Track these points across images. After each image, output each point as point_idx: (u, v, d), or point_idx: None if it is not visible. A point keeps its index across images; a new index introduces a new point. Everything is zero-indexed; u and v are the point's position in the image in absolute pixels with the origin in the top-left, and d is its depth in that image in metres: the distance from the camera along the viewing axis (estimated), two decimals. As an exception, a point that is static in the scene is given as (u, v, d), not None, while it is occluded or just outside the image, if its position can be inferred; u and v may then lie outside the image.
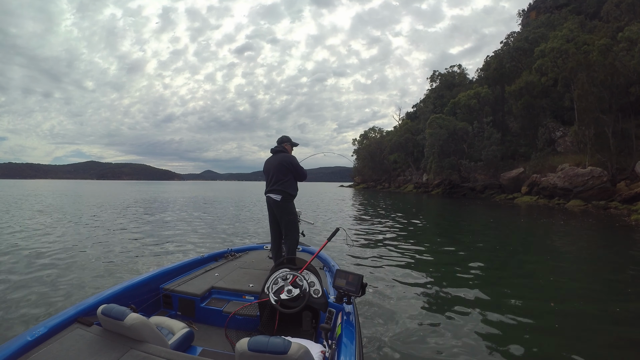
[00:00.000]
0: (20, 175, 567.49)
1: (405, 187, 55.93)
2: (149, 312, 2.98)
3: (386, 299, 4.73)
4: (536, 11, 48.90)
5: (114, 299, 2.57)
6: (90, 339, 1.99)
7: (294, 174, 4.13)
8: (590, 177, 23.28)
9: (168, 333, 2.37)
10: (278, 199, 4.01)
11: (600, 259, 7.91)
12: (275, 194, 4.02)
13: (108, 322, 1.99)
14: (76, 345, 1.93)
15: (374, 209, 21.06)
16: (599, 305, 4.71)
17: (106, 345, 1.91)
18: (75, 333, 2.05)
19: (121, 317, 1.92)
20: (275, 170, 4.07)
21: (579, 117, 26.87)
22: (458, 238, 10.61)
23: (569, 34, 32.83)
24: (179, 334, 2.40)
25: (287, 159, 4.12)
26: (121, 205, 20.37)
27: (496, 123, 38.67)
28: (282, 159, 4.10)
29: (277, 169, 4.06)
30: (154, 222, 12.68)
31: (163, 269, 3.47)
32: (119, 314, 1.94)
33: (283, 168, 4.05)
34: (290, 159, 4.14)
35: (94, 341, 1.96)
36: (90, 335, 2.02)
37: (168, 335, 2.33)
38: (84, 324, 2.16)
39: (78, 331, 2.07)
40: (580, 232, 12.07)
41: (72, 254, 7.02)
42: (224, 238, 9.66)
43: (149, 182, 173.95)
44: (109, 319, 1.96)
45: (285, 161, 4.09)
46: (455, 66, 59.71)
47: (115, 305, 2.04)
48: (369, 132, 76.18)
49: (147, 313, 2.92)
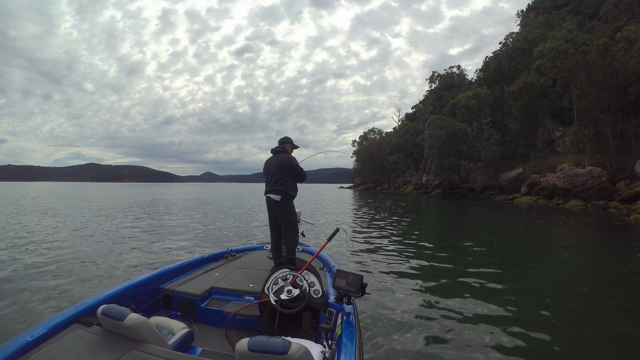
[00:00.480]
0: (19, 178, 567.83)
1: (405, 188, 55.98)
2: (149, 313, 2.97)
3: (386, 299, 4.72)
4: (535, 12, 49.05)
5: (114, 299, 2.57)
6: (90, 339, 1.99)
7: (294, 174, 4.15)
8: (589, 177, 23.32)
9: (168, 333, 2.37)
10: (278, 199, 4.03)
11: (599, 258, 7.92)
12: (275, 194, 4.04)
13: (108, 322, 1.99)
14: (76, 345, 1.93)
15: (374, 210, 21.07)
16: (595, 302, 4.74)
17: (106, 345, 1.91)
18: (75, 333, 2.05)
19: (121, 318, 1.92)
20: (275, 170, 4.08)
21: (578, 117, 26.94)
22: (457, 238, 10.61)
23: (568, 34, 32.93)
24: (179, 334, 2.39)
25: (287, 159, 4.14)
26: (122, 208, 20.35)
27: (495, 124, 38.81)
28: (282, 160, 4.12)
29: (277, 170, 4.07)
30: (155, 224, 12.68)
31: (163, 269, 3.47)
32: (119, 314, 1.94)
33: (283, 169, 4.07)
34: (290, 160, 4.16)
35: (94, 341, 1.96)
36: (90, 336, 2.02)
37: (168, 336, 2.33)
38: (84, 324, 2.16)
39: (78, 331, 2.07)
40: (579, 232, 12.08)
41: (73, 256, 7.01)
42: (224, 238, 9.65)
43: (148, 184, 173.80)
44: (109, 319, 1.96)
45: (285, 162, 4.11)
46: (455, 67, 59.99)
47: (115, 305, 2.04)
48: (368, 134, 76.33)
49: (147, 313, 2.92)
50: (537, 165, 30.02)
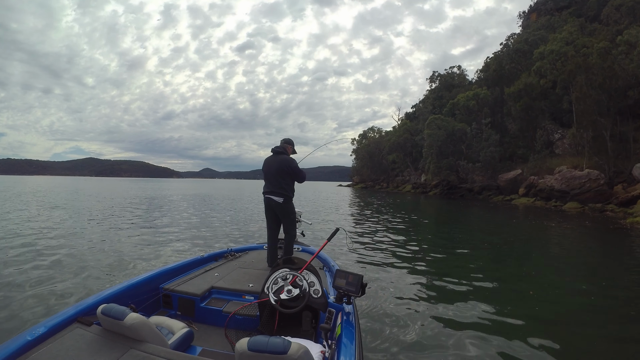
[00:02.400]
0: (19, 171, 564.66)
1: (404, 187, 56.08)
2: (149, 312, 2.98)
3: (386, 299, 4.76)
4: (537, 13, 49.00)
5: (114, 299, 2.57)
6: (90, 338, 1.99)
7: (294, 177, 4.34)
8: (587, 179, 23.40)
9: (168, 333, 2.38)
10: (280, 201, 4.21)
11: (593, 259, 8.02)
12: (278, 196, 4.21)
13: (108, 321, 1.99)
14: (76, 345, 1.93)
15: (373, 209, 21.11)
16: (589, 302, 4.85)
17: (106, 345, 1.91)
18: (75, 333, 2.06)
19: (121, 317, 1.92)
20: (276, 172, 4.23)
21: (577, 119, 27.01)
22: (456, 239, 10.67)
23: (569, 36, 32.91)
24: (179, 333, 2.40)
25: (288, 162, 4.29)
26: (122, 203, 20.33)
27: (495, 124, 38.83)
28: (283, 162, 4.27)
29: (278, 172, 4.23)
30: (155, 221, 12.68)
31: (163, 269, 3.47)
32: (119, 313, 1.94)
33: (283, 172, 4.23)
34: (291, 162, 4.31)
35: (94, 341, 1.96)
36: (90, 335, 2.02)
37: (168, 335, 2.33)
38: (83, 323, 2.16)
39: (78, 331, 2.08)
40: (574, 234, 12.17)
41: (72, 253, 7.03)
42: (224, 235, 9.68)
43: (148, 180, 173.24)
44: (108, 318, 1.96)
45: (286, 164, 4.26)
46: (455, 67, 59.92)
47: (115, 305, 2.04)
48: (367, 132, 76.34)
49: (147, 313, 2.92)
50: (536, 166, 30.09)
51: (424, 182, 48.54)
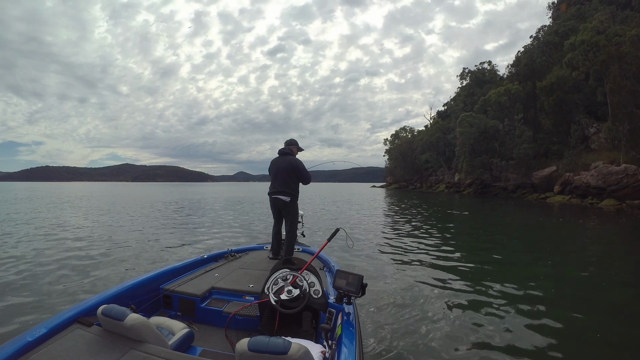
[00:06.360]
0: (57, 178, 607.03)
1: (437, 187, 55.92)
2: (149, 313, 2.99)
3: (386, 299, 4.73)
4: (566, 3, 47.17)
5: (114, 300, 2.59)
6: (90, 339, 2.00)
7: (300, 177, 4.59)
8: (624, 175, 22.74)
9: (168, 333, 2.39)
10: (287, 200, 4.51)
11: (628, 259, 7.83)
12: (285, 196, 4.50)
13: (108, 322, 2.00)
14: (76, 345, 1.94)
15: (397, 209, 20.84)
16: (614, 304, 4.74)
17: (106, 345, 1.92)
18: (75, 333, 2.07)
19: (121, 318, 1.93)
20: (284, 173, 4.50)
21: (613, 112, 26.29)
22: (471, 238, 10.57)
23: (600, 25, 31.80)
24: (179, 334, 2.41)
25: (295, 163, 4.54)
26: (159, 207, 20.97)
27: (527, 120, 37.96)
28: (290, 163, 4.52)
29: (286, 172, 4.49)
30: (191, 223, 13.18)
31: (163, 269, 3.48)
32: (119, 314, 1.95)
33: (291, 172, 4.49)
34: (297, 163, 4.57)
35: (94, 341, 1.97)
36: (90, 336, 2.03)
37: (168, 336, 2.35)
38: (84, 324, 2.17)
39: (78, 331, 2.09)
40: (610, 233, 11.83)
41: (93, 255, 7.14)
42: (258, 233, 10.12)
43: (182, 184, 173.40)
44: (109, 319, 1.97)
45: (293, 165, 4.51)
46: (485, 63, 58.71)
47: (116, 305, 2.05)
48: (400, 132, 76.20)
49: (147, 313, 2.94)
50: (571, 163, 29.25)
51: (458, 181, 48.21)
